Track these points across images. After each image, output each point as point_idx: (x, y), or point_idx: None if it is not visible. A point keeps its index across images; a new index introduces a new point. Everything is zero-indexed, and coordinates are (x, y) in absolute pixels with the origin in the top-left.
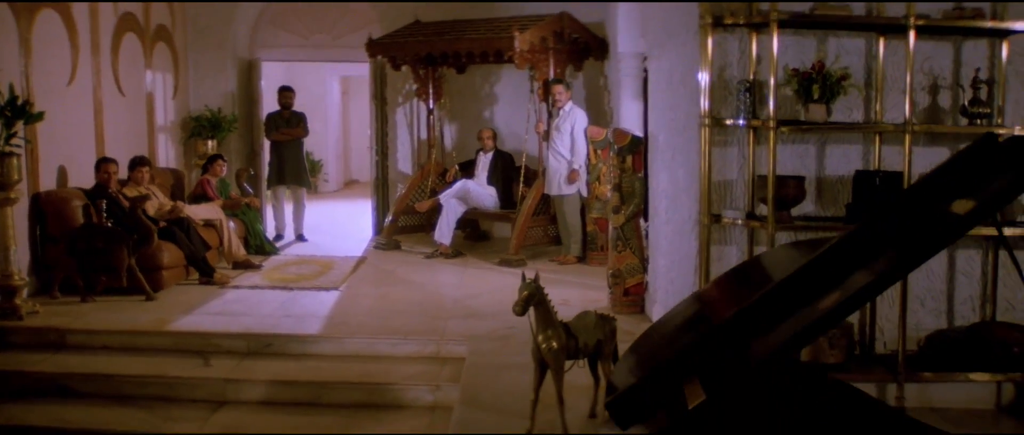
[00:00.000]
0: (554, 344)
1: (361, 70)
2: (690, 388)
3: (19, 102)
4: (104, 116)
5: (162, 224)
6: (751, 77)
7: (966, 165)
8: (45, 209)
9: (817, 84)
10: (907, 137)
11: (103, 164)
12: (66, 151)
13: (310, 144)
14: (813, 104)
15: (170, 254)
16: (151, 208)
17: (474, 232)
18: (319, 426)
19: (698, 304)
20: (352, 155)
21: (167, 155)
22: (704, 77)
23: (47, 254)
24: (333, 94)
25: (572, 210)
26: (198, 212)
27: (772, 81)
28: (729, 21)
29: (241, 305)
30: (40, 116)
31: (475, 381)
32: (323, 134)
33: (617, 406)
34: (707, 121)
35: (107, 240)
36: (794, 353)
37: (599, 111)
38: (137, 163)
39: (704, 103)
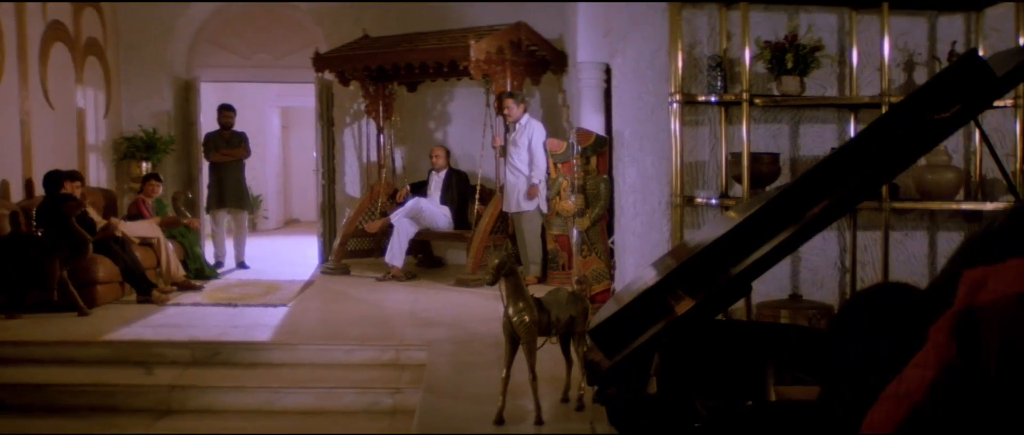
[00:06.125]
0: (526, 317)
1: (303, 100)
2: (679, 303)
3: None
4: (32, 129)
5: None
6: (722, 53)
7: (946, 84)
8: None
9: (790, 54)
10: (883, 110)
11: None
12: None
13: (248, 179)
14: (786, 76)
15: (105, 268)
16: None
17: (427, 257)
18: (271, 430)
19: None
20: (293, 192)
21: (98, 176)
22: (675, 55)
23: None
24: (273, 126)
25: (532, 227)
26: (134, 229)
27: (747, 52)
28: None
29: (184, 319)
30: None
31: (439, 376)
32: (261, 169)
33: (602, 332)
34: (678, 98)
35: (39, 250)
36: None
37: (558, 128)
38: (67, 177)
39: (675, 81)
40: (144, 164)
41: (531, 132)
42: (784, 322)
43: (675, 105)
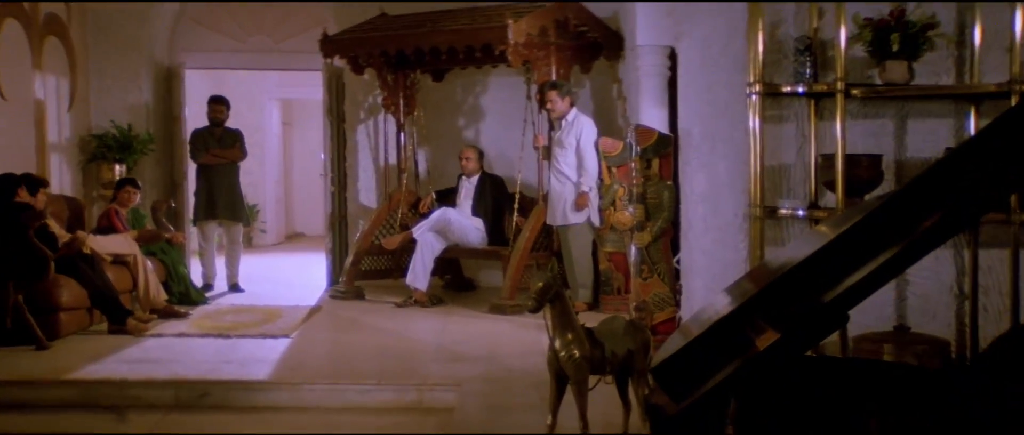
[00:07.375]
0: (576, 352)
1: (308, 92)
2: (760, 336)
3: None
4: None
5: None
6: (812, 33)
7: None
8: None
9: (896, 34)
10: (1013, 101)
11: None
12: None
13: (243, 185)
14: (891, 61)
15: (70, 292)
16: None
17: (456, 279)
18: None
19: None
20: (295, 201)
21: (61, 180)
22: (754, 37)
23: None
24: (272, 123)
25: (580, 243)
26: (105, 245)
27: (842, 32)
28: None
29: (166, 353)
30: None
31: (470, 421)
32: (259, 174)
33: (667, 371)
34: (758, 89)
35: None
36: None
37: (612, 125)
38: (24, 183)
39: (754, 69)
40: (117, 167)
41: (580, 130)
42: (888, 359)
43: (754, 97)
